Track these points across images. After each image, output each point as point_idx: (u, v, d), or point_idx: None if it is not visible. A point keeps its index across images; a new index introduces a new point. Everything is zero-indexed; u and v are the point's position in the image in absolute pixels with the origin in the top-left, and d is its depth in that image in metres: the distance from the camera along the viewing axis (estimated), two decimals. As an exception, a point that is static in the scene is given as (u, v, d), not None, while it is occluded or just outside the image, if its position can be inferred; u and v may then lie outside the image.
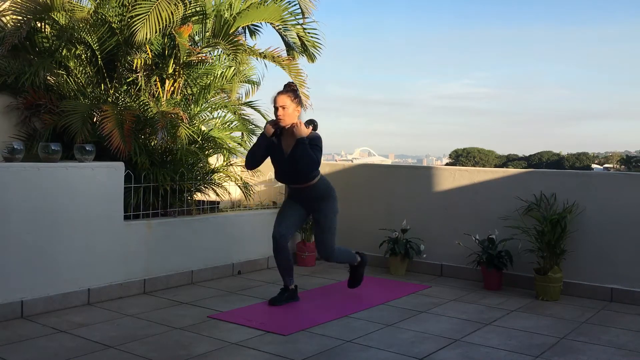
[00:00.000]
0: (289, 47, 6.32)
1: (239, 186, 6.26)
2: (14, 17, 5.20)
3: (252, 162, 4.66)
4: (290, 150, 4.48)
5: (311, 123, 4.52)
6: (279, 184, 6.76)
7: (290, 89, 4.60)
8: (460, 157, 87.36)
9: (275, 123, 4.55)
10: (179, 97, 5.69)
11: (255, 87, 6.76)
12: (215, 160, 6.51)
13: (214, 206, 5.92)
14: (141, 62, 5.47)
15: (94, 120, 5.23)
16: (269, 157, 4.67)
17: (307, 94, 5.96)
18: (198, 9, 5.63)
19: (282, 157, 4.56)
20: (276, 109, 4.51)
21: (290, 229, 4.68)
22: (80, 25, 5.26)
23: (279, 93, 4.54)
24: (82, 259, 4.50)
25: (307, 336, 3.91)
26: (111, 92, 5.52)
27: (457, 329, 4.13)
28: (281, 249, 4.64)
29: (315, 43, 6.26)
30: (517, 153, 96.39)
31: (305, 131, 4.42)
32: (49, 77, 5.56)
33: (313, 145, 4.42)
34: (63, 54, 5.50)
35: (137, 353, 3.49)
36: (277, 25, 6.13)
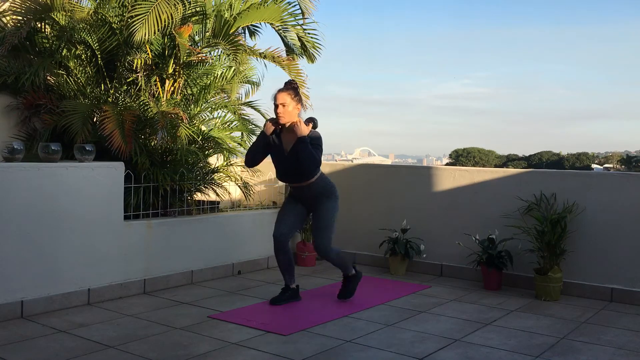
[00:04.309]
0: (288, 47, 6.31)
1: (239, 186, 6.26)
2: (14, 17, 5.21)
3: (252, 160, 4.63)
4: (290, 149, 4.46)
5: (311, 121, 4.48)
6: (279, 184, 6.76)
7: (291, 87, 4.55)
8: (460, 157, 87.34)
9: (274, 121, 4.52)
10: (179, 97, 5.69)
11: (255, 87, 6.77)
12: (215, 160, 6.51)
13: (214, 206, 5.92)
14: (141, 62, 5.48)
15: (94, 120, 5.23)
16: (269, 156, 4.65)
17: (307, 94, 5.96)
18: (198, 9, 5.63)
19: (282, 155, 4.53)
20: (276, 106, 4.46)
21: (291, 228, 4.68)
22: (80, 25, 5.26)
23: (279, 90, 4.50)
24: (82, 259, 4.50)
25: (307, 336, 3.91)
26: (111, 92, 5.52)
27: (457, 329, 4.13)
28: (282, 248, 4.64)
29: (315, 44, 6.26)
30: (517, 153, 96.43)
31: (306, 129, 4.39)
32: (49, 77, 5.56)
33: (314, 144, 4.39)
34: (63, 54, 5.50)
35: (137, 353, 3.49)
36: (277, 26, 6.12)
